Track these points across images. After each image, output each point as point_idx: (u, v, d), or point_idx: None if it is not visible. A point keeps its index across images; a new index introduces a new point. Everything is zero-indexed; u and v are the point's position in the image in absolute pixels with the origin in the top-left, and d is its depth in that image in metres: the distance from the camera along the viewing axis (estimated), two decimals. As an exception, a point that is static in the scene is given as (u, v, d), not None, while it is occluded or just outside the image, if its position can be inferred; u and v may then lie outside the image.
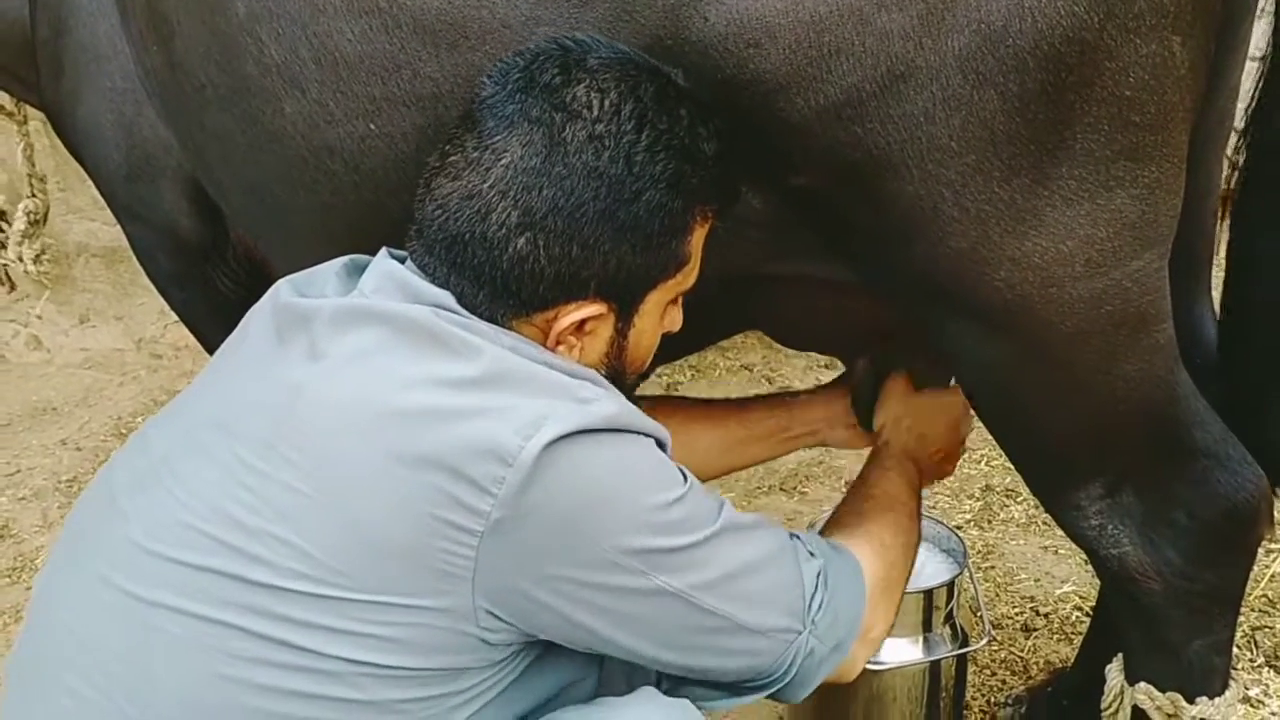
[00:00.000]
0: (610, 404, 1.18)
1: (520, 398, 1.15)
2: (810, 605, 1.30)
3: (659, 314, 1.33)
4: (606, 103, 1.20)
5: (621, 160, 1.20)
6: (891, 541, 1.49)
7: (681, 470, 1.24)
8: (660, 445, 1.23)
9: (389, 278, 1.25)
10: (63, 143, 1.98)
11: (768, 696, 1.33)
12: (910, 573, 1.53)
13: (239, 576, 1.14)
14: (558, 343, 1.26)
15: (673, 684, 1.33)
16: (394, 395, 1.15)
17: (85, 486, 3.27)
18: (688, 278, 1.32)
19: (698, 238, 1.30)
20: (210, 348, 2.05)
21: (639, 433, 1.20)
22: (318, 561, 1.13)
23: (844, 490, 2.79)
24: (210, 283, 1.91)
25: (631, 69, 1.23)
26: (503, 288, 1.22)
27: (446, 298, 1.22)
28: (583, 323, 1.26)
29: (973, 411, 1.84)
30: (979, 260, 1.31)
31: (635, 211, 1.22)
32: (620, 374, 1.32)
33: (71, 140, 1.91)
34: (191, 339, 2.15)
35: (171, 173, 1.78)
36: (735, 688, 1.32)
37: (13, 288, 4.04)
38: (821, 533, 1.51)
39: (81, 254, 4.03)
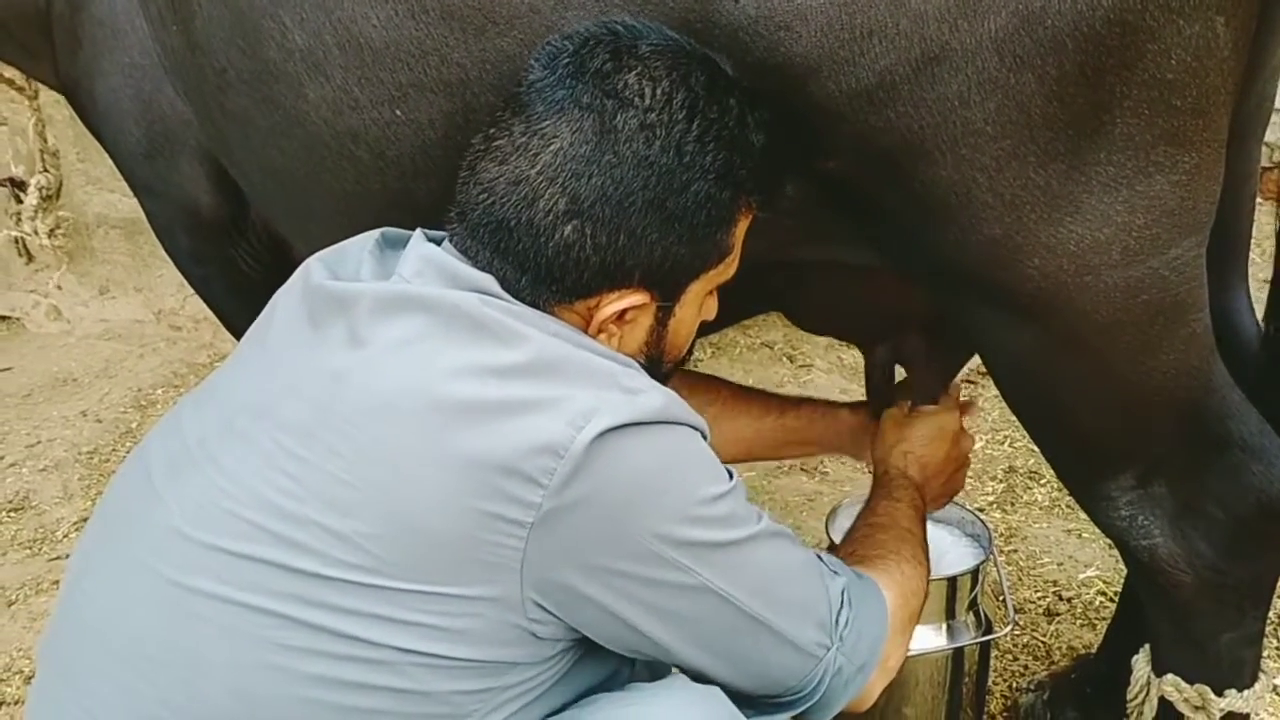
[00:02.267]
0: (658, 395, 1.17)
1: (569, 388, 1.13)
2: (837, 621, 1.30)
3: (699, 304, 1.32)
4: (658, 91, 1.19)
5: (672, 150, 1.19)
6: (910, 572, 1.48)
7: (727, 468, 1.23)
8: (703, 436, 1.22)
9: (429, 262, 1.23)
10: (80, 118, 1.97)
11: (787, 715, 1.32)
12: (923, 606, 1.51)
13: (285, 565, 1.13)
14: (599, 331, 1.26)
15: None
16: (441, 385, 1.13)
17: (106, 458, 3.33)
18: (729, 269, 1.31)
19: (741, 229, 1.29)
20: (229, 325, 2.05)
21: (685, 425, 1.19)
22: (365, 550, 1.11)
23: (864, 472, 2.78)
24: (230, 261, 1.90)
25: (683, 57, 1.22)
26: (546, 274, 1.21)
27: (489, 282, 1.21)
28: (624, 312, 1.25)
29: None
30: (1013, 247, 1.28)
31: (684, 202, 1.21)
32: (658, 363, 1.31)
33: (89, 116, 1.90)
34: (211, 312, 2.14)
35: (191, 149, 1.76)
36: (762, 705, 1.31)
37: (30, 259, 4.05)
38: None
39: (101, 225, 4.03)
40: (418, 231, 1.29)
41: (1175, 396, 1.42)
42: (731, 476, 1.22)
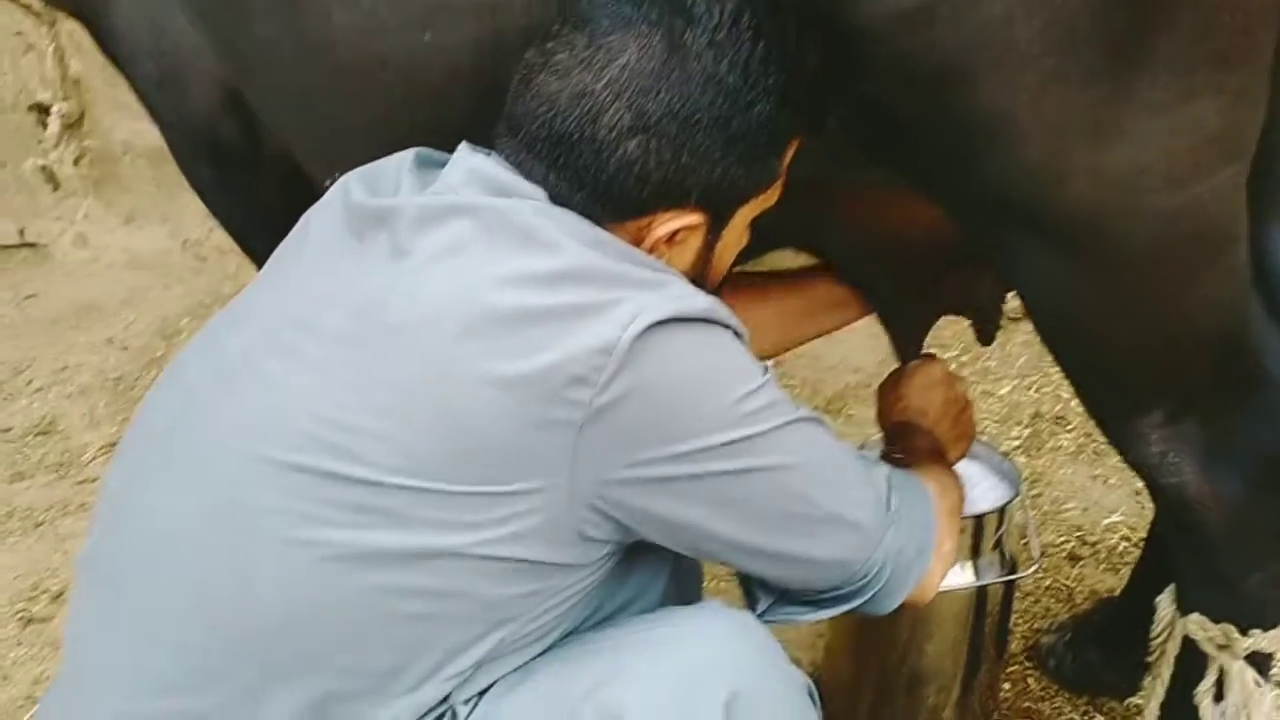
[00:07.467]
0: (701, 297, 1.17)
1: (617, 291, 1.13)
2: (889, 502, 1.31)
3: (744, 229, 1.32)
4: (725, 11, 1.19)
5: (739, 69, 1.19)
6: (940, 472, 1.50)
7: (762, 364, 1.23)
8: (739, 337, 1.22)
9: (476, 173, 1.22)
10: (99, 47, 1.95)
11: (855, 609, 1.33)
12: (960, 518, 1.53)
13: (336, 474, 1.13)
14: (650, 250, 1.25)
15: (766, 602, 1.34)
16: (490, 294, 1.12)
17: (131, 385, 3.35)
18: (774, 194, 1.31)
19: (790, 154, 1.29)
20: (253, 255, 2.03)
21: (726, 325, 1.19)
22: (416, 455, 1.11)
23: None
24: (253, 192, 1.88)
25: None
26: (604, 191, 1.20)
27: (538, 193, 1.20)
28: (676, 232, 1.25)
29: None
30: (1053, 173, 1.25)
31: (747, 122, 1.20)
32: (699, 286, 1.29)
33: (106, 45, 1.87)
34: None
35: (203, 79, 1.74)
36: (824, 600, 1.33)
37: (57, 186, 4.06)
38: None
39: (127, 153, 4.03)
40: (463, 144, 1.27)
41: (1211, 330, 1.40)
42: (765, 370, 1.22)
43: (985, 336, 1.88)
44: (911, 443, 1.64)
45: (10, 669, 2.33)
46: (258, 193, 1.89)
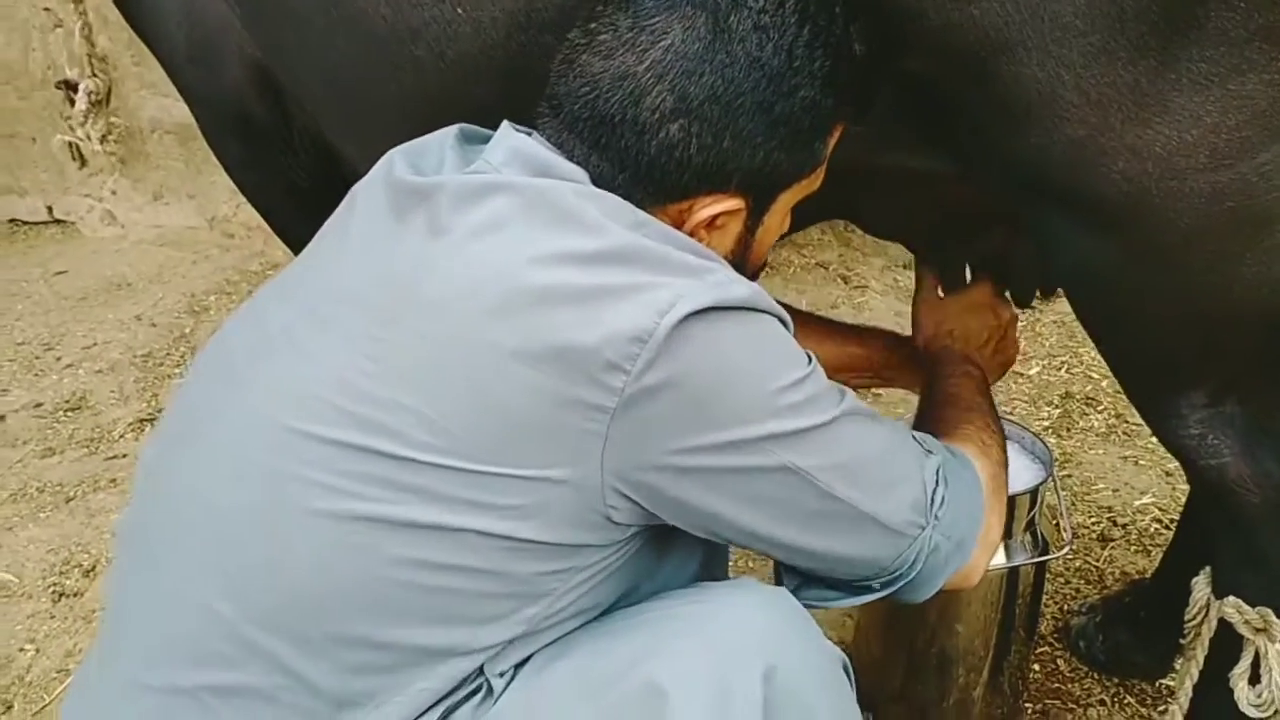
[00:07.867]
0: (742, 285, 1.15)
1: (655, 275, 1.11)
2: (933, 500, 1.28)
3: (784, 214, 1.31)
4: None
5: (784, 53, 1.18)
6: (990, 441, 1.47)
7: (806, 352, 1.21)
8: (784, 325, 1.20)
9: (517, 153, 1.21)
10: (128, 23, 1.94)
11: (890, 596, 1.31)
12: (1008, 474, 1.50)
13: (367, 448, 1.12)
14: (689, 235, 1.23)
15: (792, 584, 1.32)
16: (526, 272, 1.11)
17: (160, 362, 3.37)
18: (817, 180, 1.30)
19: (834, 140, 1.27)
20: (281, 233, 2.04)
21: (768, 313, 1.18)
22: (447, 432, 1.11)
23: (919, 391, 2.76)
24: (281, 169, 1.88)
25: None
26: (645, 174, 1.20)
27: (580, 174, 1.19)
28: (716, 217, 1.24)
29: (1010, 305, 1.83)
30: (1096, 150, 1.23)
31: (790, 106, 1.19)
32: (739, 271, 1.27)
33: (135, 20, 1.87)
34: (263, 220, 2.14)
35: (232, 55, 1.73)
36: (855, 587, 1.30)
37: (84, 163, 4.07)
38: None
39: (155, 130, 4.03)
40: (505, 123, 1.27)
41: (1255, 310, 1.37)
42: (810, 360, 1.20)
43: (1021, 300, 1.85)
44: (952, 382, 1.62)
45: (43, 642, 2.34)
46: (285, 169, 1.89)
